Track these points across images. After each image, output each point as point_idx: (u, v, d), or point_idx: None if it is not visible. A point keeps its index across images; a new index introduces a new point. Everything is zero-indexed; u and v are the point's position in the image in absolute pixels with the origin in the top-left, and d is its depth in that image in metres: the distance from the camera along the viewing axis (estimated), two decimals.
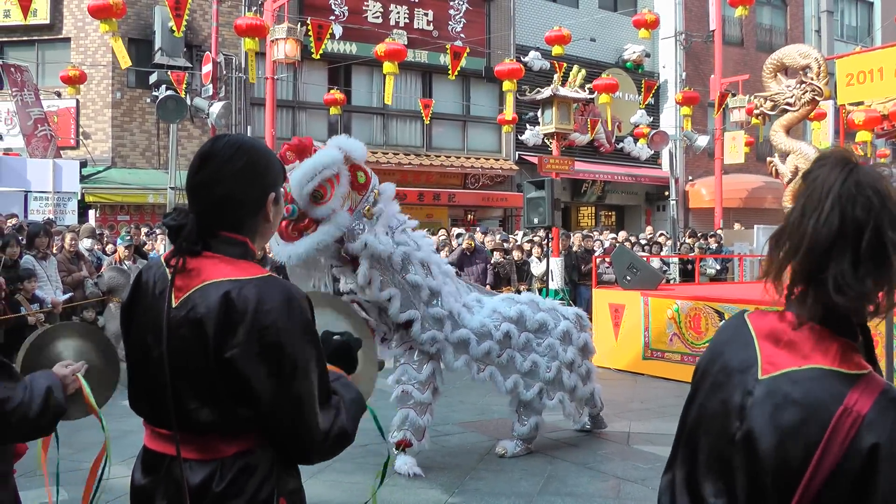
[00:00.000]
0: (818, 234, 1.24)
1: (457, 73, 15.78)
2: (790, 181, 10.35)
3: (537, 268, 11.99)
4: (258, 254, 2.28)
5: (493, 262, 11.61)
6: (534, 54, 20.62)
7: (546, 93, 11.96)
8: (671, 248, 14.97)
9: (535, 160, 15.24)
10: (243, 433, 1.63)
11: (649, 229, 17.90)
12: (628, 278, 9.51)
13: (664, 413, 6.97)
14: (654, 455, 5.63)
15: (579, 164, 17.45)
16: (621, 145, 22.97)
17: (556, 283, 11.48)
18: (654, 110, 23.30)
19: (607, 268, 11.75)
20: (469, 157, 20.61)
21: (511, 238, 14.00)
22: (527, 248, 12.61)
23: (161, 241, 10.78)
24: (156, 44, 16.72)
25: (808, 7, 26.81)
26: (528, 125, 20.30)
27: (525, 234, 14.03)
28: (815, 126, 18.67)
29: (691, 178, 23.39)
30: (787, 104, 9.63)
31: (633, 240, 14.99)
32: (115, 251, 9.80)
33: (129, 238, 10.14)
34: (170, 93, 14.12)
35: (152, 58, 16.71)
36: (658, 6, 22.83)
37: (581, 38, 19.42)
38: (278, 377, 1.58)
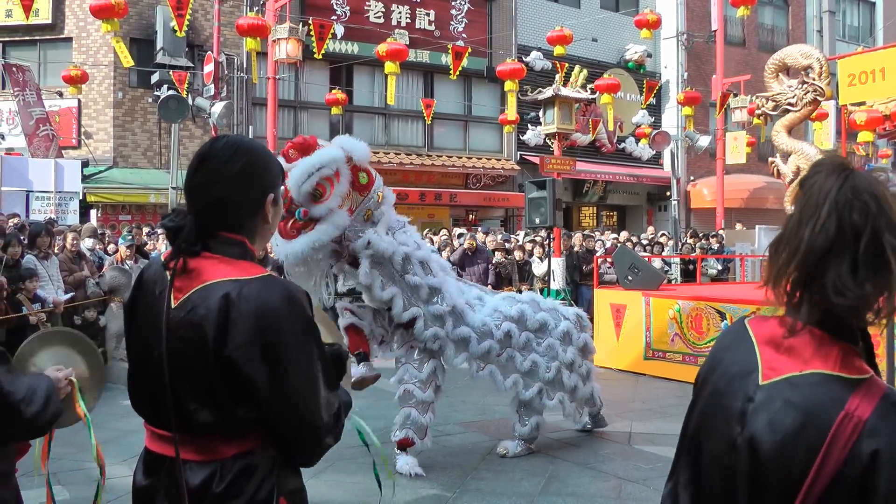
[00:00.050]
0: (816, 241, 1.24)
1: (458, 73, 15.77)
2: (792, 181, 10.30)
3: (539, 268, 11.99)
4: (259, 254, 2.28)
5: (494, 262, 11.62)
6: (535, 54, 20.60)
7: (548, 93, 11.95)
8: (673, 248, 14.96)
9: (536, 160, 15.22)
10: (243, 434, 1.63)
11: (651, 229, 17.89)
12: (630, 278, 9.51)
13: (665, 413, 6.97)
14: (656, 455, 5.63)
15: (581, 165, 17.42)
16: (623, 145, 22.95)
17: (557, 283, 11.48)
18: (655, 110, 23.29)
19: (609, 268, 11.75)
20: (471, 157, 20.60)
21: (513, 238, 14.00)
22: (528, 248, 12.61)
23: (163, 241, 10.78)
24: (157, 43, 16.72)
25: (809, 7, 26.78)
26: (529, 125, 20.28)
27: (526, 234, 14.03)
28: (816, 126, 18.62)
29: (693, 178, 23.37)
30: (789, 104, 9.59)
31: (635, 240, 14.98)
32: (116, 251, 9.81)
33: (131, 238, 10.15)
34: (171, 93, 14.15)
35: (154, 57, 16.71)
36: (660, 6, 22.83)
37: (583, 38, 19.39)
38: (282, 376, 1.59)
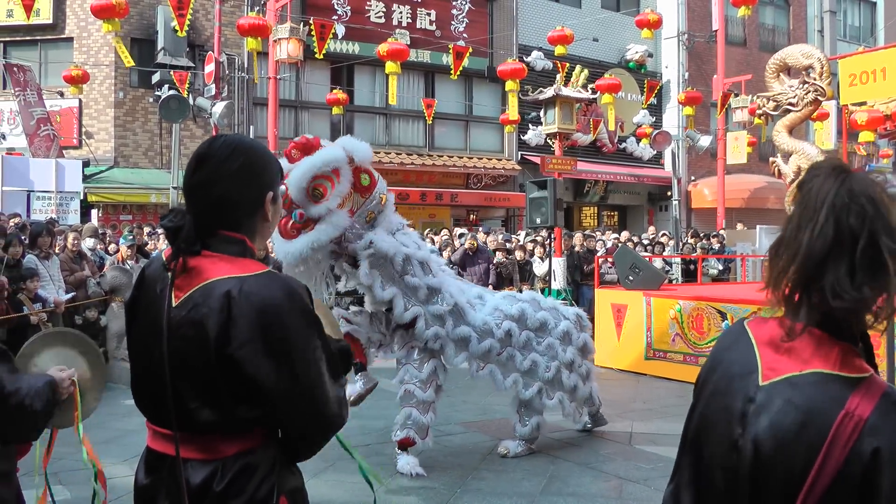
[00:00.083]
0: (814, 245, 1.25)
1: (459, 72, 15.77)
2: (793, 181, 10.29)
3: (540, 268, 11.99)
4: (259, 252, 2.28)
5: (495, 261, 11.62)
6: (536, 54, 20.59)
7: (549, 93, 11.94)
8: (673, 248, 14.96)
9: (537, 160, 15.23)
10: (244, 433, 1.63)
11: (652, 229, 17.87)
12: (631, 278, 9.51)
13: (666, 413, 6.96)
14: (657, 455, 5.63)
15: (582, 164, 17.42)
16: (624, 145, 22.94)
17: (558, 283, 11.47)
18: (656, 110, 23.28)
19: (610, 268, 11.74)
20: (471, 157, 20.59)
21: (513, 238, 13.99)
22: (529, 248, 12.61)
23: (163, 241, 10.79)
24: (158, 43, 16.71)
25: (810, 7, 26.76)
26: (530, 125, 20.26)
27: (527, 234, 14.03)
28: (817, 126, 18.61)
29: (694, 178, 23.35)
30: (790, 104, 9.57)
31: (636, 240, 14.96)
32: (117, 251, 9.81)
33: (132, 238, 10.15)
34: (172, 92, 14.18)
35: (155, 57, 16.71)
36: (661, 6, 22.81)
37: (584, 38, 19.38)
38: (290, 370, 1.59)
